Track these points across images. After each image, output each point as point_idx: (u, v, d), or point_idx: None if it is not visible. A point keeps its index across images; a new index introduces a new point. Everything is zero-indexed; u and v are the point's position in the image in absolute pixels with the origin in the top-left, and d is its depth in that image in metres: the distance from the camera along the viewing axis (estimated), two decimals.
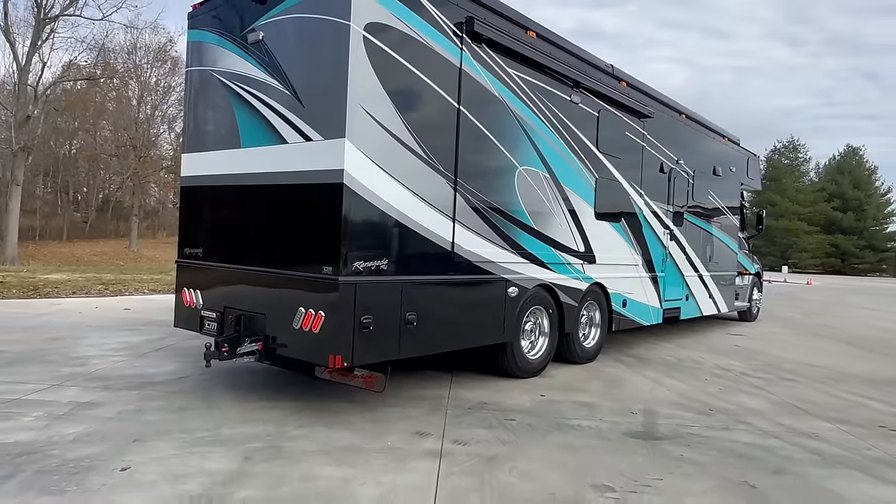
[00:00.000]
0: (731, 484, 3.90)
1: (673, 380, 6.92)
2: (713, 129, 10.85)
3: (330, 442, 4.28)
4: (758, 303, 13.64)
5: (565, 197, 6.85)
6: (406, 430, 4.61)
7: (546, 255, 6.58)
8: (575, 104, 6.96)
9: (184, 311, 5.88)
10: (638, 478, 3.90)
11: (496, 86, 5.83)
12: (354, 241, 4.54)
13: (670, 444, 4.61)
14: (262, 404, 5.11)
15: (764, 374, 7.49)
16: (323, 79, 4.67)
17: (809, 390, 6.74)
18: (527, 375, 6.52)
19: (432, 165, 5.15)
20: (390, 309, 4.84)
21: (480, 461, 4.05)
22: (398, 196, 4.84)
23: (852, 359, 9.08)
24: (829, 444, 4.84)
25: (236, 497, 3.34)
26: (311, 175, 4.68)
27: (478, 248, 5.66)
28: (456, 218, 5.41)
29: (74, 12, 31.59)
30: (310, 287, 4.66)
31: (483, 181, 5.72)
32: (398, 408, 5.20)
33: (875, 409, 6.04)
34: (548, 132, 6.56)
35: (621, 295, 8.05)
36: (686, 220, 9.75)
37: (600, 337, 7.75)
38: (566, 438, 4.64)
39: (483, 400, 5.59)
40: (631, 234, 8.18)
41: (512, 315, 6.17)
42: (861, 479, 4.10)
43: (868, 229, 64.54)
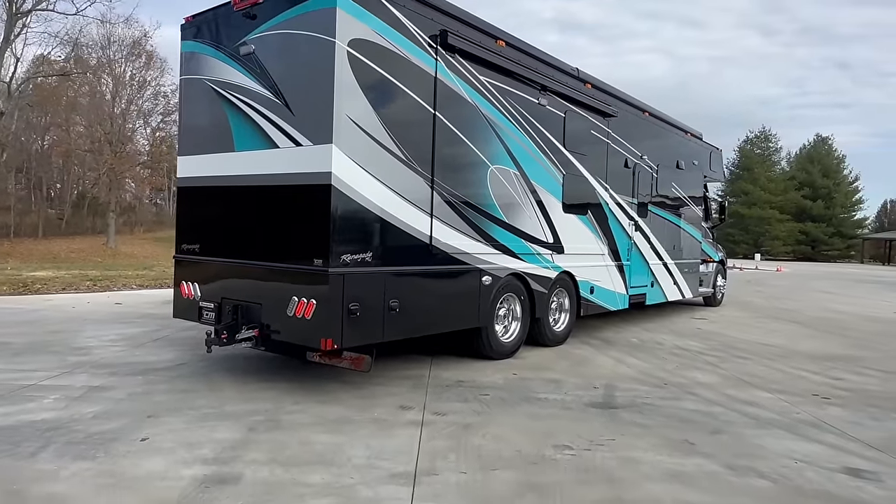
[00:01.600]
0: (672, 441, 4.51)
1: (634, 359, 7.56)
2: (676, 125, 11.51)
3: (323, 415, 4.81)
4: (722, 288, 14.41)
5: (535, 192, 7.43)
6: (391, 405, 5.16)
7: (517, 246, 7.15)
8: (543, 106, 7.52)
9: (182, 303, 6.34)
10: (593, 439, 4.49)
11: (468, 92, 6.37)
12: (342, 236, 5.06)
13: (625, 412, 5.23)
14: (259, 385, 5.62)
15: (719, 353, 8.17)
16: (311, 90, 5.16)
17: (757, 366, 7.42)
18: (501, 357, 7.10)
19: (411, 166, 5.68)
20: (375, 297, 5.37)
21: (457, 428, 4.62)
22: (381, 195, 5.36)
23: (802, 338, 9.83)
24: (765, 409, 5.49)
25: (246, 458, 3.86)
26: (301, 177, 5.18)
27: (454, 241, 6.21)
28: (433, 213, 5.95)
29: (47, 7, 31.42)
30: (302, 278, 5.17)
31: (458, 179, 6.26)
32: (383, 386, 5.75)
33: (812, 381, 6.73)
34: (517, 133, 7.11)
35: (589, 282, 8.67)
36: (650, 212, 10.40)
37: (570, 321, 8.36)
38: (533, 409, 5.23)
39: (460, 378, 6.16)
40: (597, 226, 8.79)
41: (486, 302, 6.73)
42: (786, 437, 4.75)
43: (837, 217, 66.35)
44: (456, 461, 3.96)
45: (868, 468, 4.13)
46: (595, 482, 3.73)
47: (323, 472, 3.68)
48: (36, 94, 39.78)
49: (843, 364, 7.71)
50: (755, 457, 4.27)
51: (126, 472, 3.61)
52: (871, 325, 11.81)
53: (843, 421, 5.21)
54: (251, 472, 3.64)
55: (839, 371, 7.29)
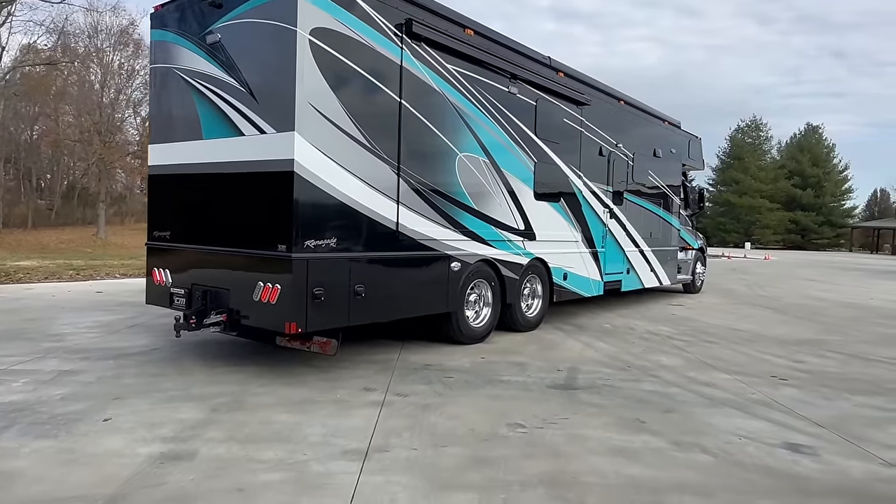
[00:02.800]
0: (624, 420, 4.66)
1: (603, 343, 7.71)
2: (653, 113, 11.62)
3: (287, 396, 4.94)
4: (701, 276, 14.59)
5: (505, 180, 7.53)
6: (355, 387, 5.29)
7: (487, 232, 7.26)
8: (513, 95, 7.61)
9: (154, 289, 6.44)
10: (547, 417, 4.64)
11: (436, 80, 6.45)
12: (305, 222, 5.16)
13: (584, 393, 5.37)
14: (228, 369, 5.73)
15: (688, 338, 8.33)
16: (274, 78, 5.24)
17: (723, 350, 7.59)
18: (471, 342, 7.24)
19: (376, 154, 5.77)
20: (340, 282, 5.48)
21: (416, 408, 4.75)
22: (345, 182, 5.46)
23: (775, 323, 10.01)
24: (721, 390, 5.65)
25: (204, 437, 3.98)
26: (265, 164, 5.27)
27: (421, 227, 6.32)
28: (400, 200, 6.05)
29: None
30: (267, 264, 5.27)
31: (425, 167, 6.36)
32: (350, 370, 5.87)
33: (774, 364, 6.90)
34: (487, 121, 7.21)
35: (562, 269, 8.80)
36: (626, 200, 10.53)
37: (542, 307, 8.50)
38: (495, 390, 5.37)
39: (427, 362, 6.29)
40: (570, 213, 8.91)
41: (455, 287, 6.86)
42: (736, 416, 4.90)
43: (826, 205, 66.76)
44: (409, 438, 4.09)
45: (808, 443, 4.28)
46: (541, 456, 3.87)
47: (277, 449, 3.81)
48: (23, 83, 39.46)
49: (809, 348, 7.88)
50: (702, 433, 4.42)
51: (85, 449, 3.72)
52: (845, 311, 12.01)
53: (794, 400, 5.38)
54: (207, 450, 3.77)
55: (803, 354, 7.46)
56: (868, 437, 4.46)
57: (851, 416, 5.01)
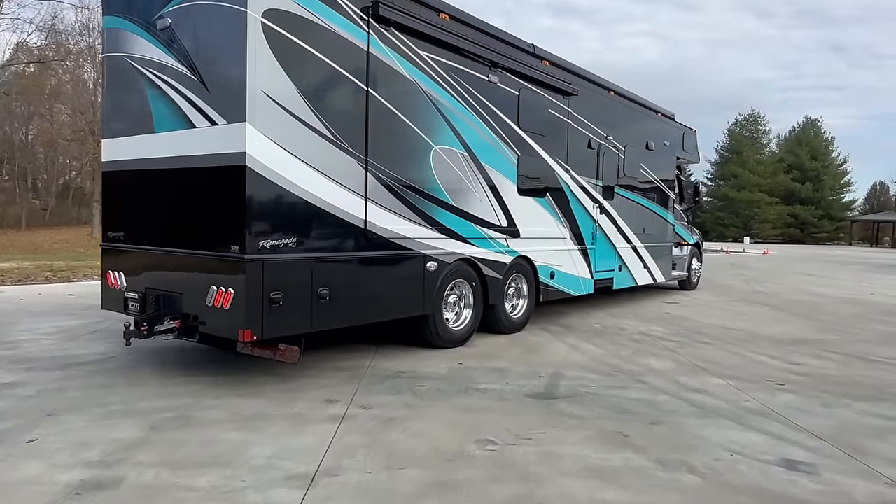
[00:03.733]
0: (606, 434, 4.27)
1: (591, 345, 7.31)
2: (646, 105, 11.20)
3: (240, 410, 4.54)
4: (697, 272, 14.19)
5: (485, 174, 7.13)
6: (317, 398, 4.89)
7: (466, 230, 6.86)
8: (493, 84, 7.20)
9: (109, 294, 6.05)
10: (521, 432, 4.24)
11: (407, 68, 6.04)
12: (260, 220, 4.76)
13: (564, 403, 4.98)
14: (184, 379, 5.34)
15: (680, 338, 7.94)
16: (224, 64, 4.84)
17: (717, 351, 7.20)
18: (451, 345, 6.84)
19: (341, 146, 5.37)
20: (300, 284, 5.08)
21: (379, 423, 4.36)
22: (305, 176, 5.05)
23: (771, 322, 9.62)
24: (714, 397, 5.26)
25: (134, 460, 3.59)
26: (217, 158, 4.86)
27: (392, 225, 5.91)
28: (368, 196, 5.65)
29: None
30: (220, 266, 4.87)
31: (396, 161, 5.96)
32: (315, 378, 5.48)
33: (770, 366, 6.51)
34: (465, 112, 6.80)
35: (548, 267, 8.40)
36: (617, 194, 10.12)
37: (528, 308, 8.10)
38: (468, 401, 4.97)
39: (400, 369, 5.89)
40: (558, 209, 8.51)
41: (432, 288, 6.46)
42: (728, 427, 4.51)
43: (825, 199, 66.34)
44: (364, 460, 3.69)
45: (806, 459, 3.89)
46: (508, 479, 3.48)
47: (213, 475, 3.41)
48: (16, 82, 38.98)
49: (806, 348, 7.49)
50: (690, 449, 4.03)
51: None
52: (845, 308, 11.62)
53: (791, 408, 4.98)
54: (134, 476, 3.37)
55: (800, 355, 7.07)
56: (871, 451, 4.07)
57: (853, 426, 4.62)
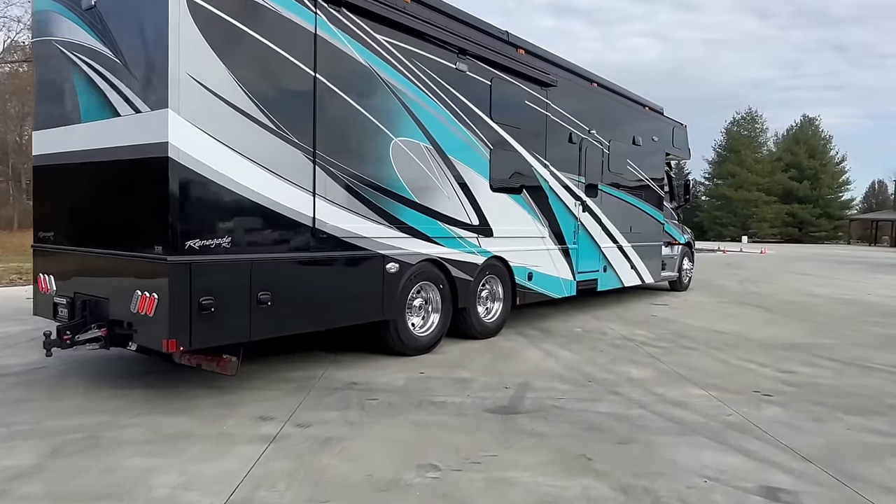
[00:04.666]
0: (566, 456, 3.80)
1: (567, 351, 6.84)
2: (632, 98, 10.73)
3: (161, 429, 4.07)
4: (688, 272, 13.71)
5: (454, 169, 6.66)
6: (252, 415, 4.42)
7: (432, 229, 6.39)
8: (462, 72, 6.73)
9: (40, 298, 5.58)
10: (471, 454, 3.78)
11: (362, 52, 5.57)
12: (186, 218, 4.28)
13: (526, 418, 4.51)
14: (112, 393, 4.87)
15: (664, 343, 7.47)
16: (147, 46, 4.37)
17: (702, 357, 6.73)
18: (416, 352, 6.37)
19: (284, 137, 4.90)
20: (237, 289, 4.61)
21: (312, 444, 3.89)
22: (241, 170, 4.58)
23: (762, 324, 9.16)
24: (693, 411, 4.79)
25: (18, 493, 3.12)
26: (139, 149, 4.39)
27: (346, 224, 5.45)
28: (317, 192, 5.18)
29: None
30: (143, 268, 4.41)
31: (350, 153, 5.49)
32: (259, 390, 5.01)
33: (758, 374, 6.05)
34: (429, 102, 6.33)
35: (526, 268, 7.93)
36: (602, 192, 9.65)
37: (503, 311, 7.64)
38: (420, 416, 4.50)
39: (355, 380, 5.42)
40: (535, 207, 8.04)
41: (393, 292, 5.99)
42: (706, 447, 4.05)
43: (823, 198, 65.83)
44: (284, 490, 3.23)
45: (789, 486, 3.43)
46: None
47: None
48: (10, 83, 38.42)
49: (798, 353, 7.03)
50: (659, 475, 3.56)
51: None
52: (841, 309, 11.17)
53: (778, 424, 4.52)
54: None
55: (791, 362, 6.61)
56: (864, 476, 3.61)
57: (845, 445, 4.16)
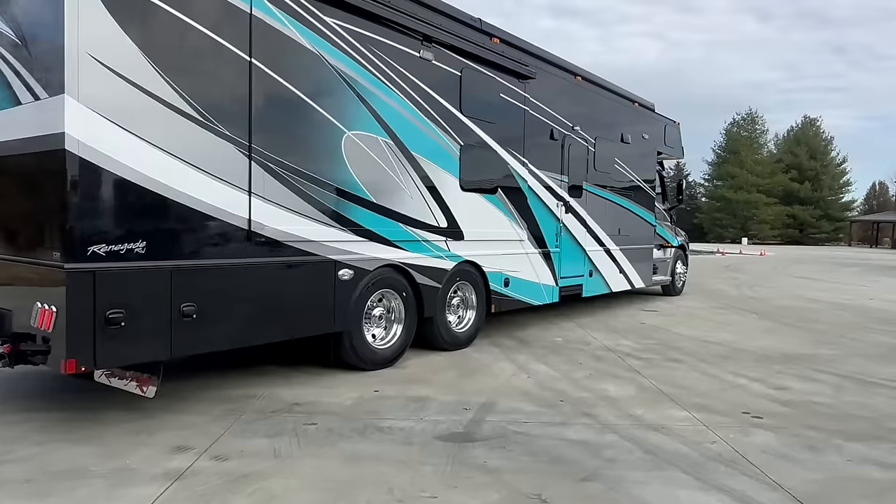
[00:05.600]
0: (518, 498, 3.25)
1: (543, 364, 6.29)
2: (620, 93, 10.19)
3: (51, 464, 3.52)
4: (682, 276, 13.16)
5: (418, 167, 6.11)
6: (166, 444, 3.87)
7: (392, 231, 5.85)
8: (427, 61, 6.18)
9: None
10: (407, 496, 3.23)
11: (308, 37, 5.02)
12: (89, 220, 3.74)
13: (481, 448, 3.96)
14: (16, 417, 4.32)
15: (650, 355, 6.92)
16: (44, 24, 3.83)
17: (689, 372, 6.18)
18: (375, 367, 5.82)
19: (212, 129, 4.35)
20: (153, 300, 4.06)
21: (225, 482, 3.34)
22: (158, 165, 4.04)
23: (758, 333, 8.60)
24: (672, 437, 4.24)
25: None
26: (37, 142, 3.85)
27: (289, 226, 4.90)
28: (253, 191, 4.63)
29: None
30: (42, 277, 3.87)
31: (294, 148, 4.94)
32: (185, 413, 4.45)
33: (749, 391, 5.49)
34: (389, 93, 5.78)
35: (502, 273, 7.38)
36: (587, 192, 9.11)
37: (477, 320, 7.08)
38: (360, 446, 3.95)
39: (299, 400, 4.87)
40: (512, 208, 7.49)
41: (347, 300, 5.44)
42: (683, 484, 3.50)
43: (824, 199, 65.24)
44: None
45: None
46: None
47: None
48: None
49: (795, 366, 6.48)
50: None
51: None
52: (841, 316, 10.61)
53: (768, 454, 3.97)
54: None
55: (786, 376, 6.06)
56: None
57: (843, 481, 3.61)
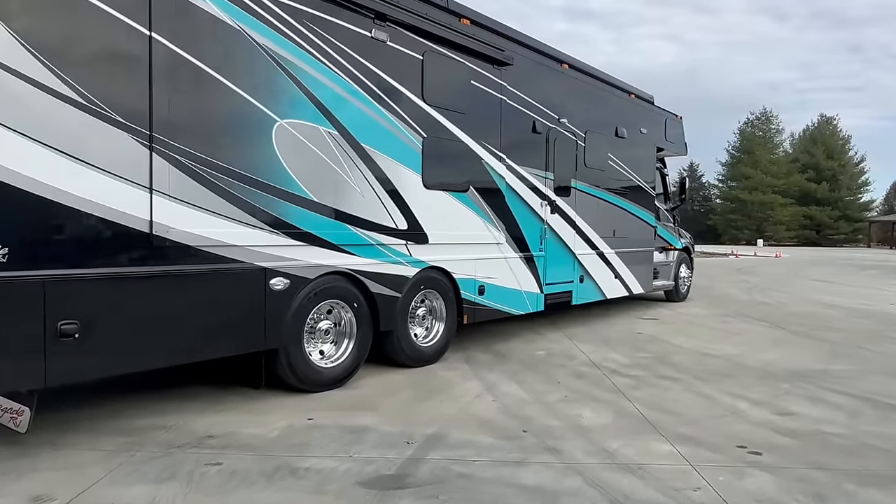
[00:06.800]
0: None
1: (515, 384, 5.56)
2: (614, 83, 9.43)
3: None
4: (686, 280, 12.33)
5: (370, 161, 5.42)
6: (23, 494, 3.19)
7: (338, 235, 5.16)
8: (380, 43, 5.49)
9: None
10: None
11: (227, 9, 4.35)
12: None
13: (408, 499, 3.24)
14: None
15: (640, 372, 6.15)
16: None
17: (682, 393, 5.42)
18: (320, 388, 5.13)
19: (100, 115, 3.69)
20: (20, 317, 3.41)
21: None
22: (25, 156, 3.38)
23: (765, 344, 7.80)
24: (648, 482, 3.49)
25: None
26: None
27: (204, 229, 4.22)
28: (155, 188, 3.96)
29: None
30: None
31: (208, 138, 4.28)
32: (69, 450, 3.78)
33: (748, 418, 4.72)
34: (333, 77, 5.10)
35: (476, 280, 6.66)
36: (576, 190, 8.37)
37: (446, 332, 6.37)
38: (262, 495, 3.25)
39: (214, 431, 4.17)
40: (487, 208, 6.76)
41: (282, 314, 4.76)
42: None
43: (842, 199, 63.65)
44: None
45: None
46: None
47: None
48: None
49: (804, 385, 5.69)
50: None
51: None
52: (859, 323, 9.75)
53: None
54: None
55: (793, 398, 5.28)
56: None
57: None
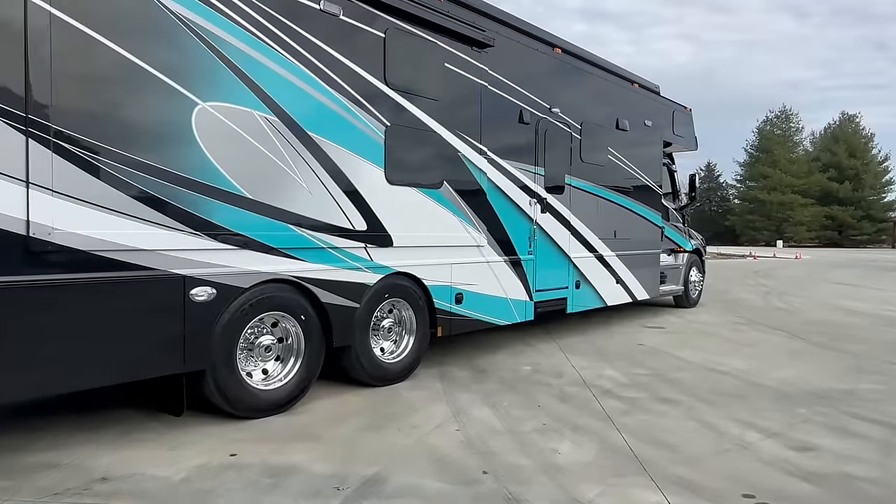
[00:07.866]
0: None
1: (489, 408, 4.82)
2: (614, 71, 8.66)
3: None
4: (697, 285, 11.48)
5: (318, 152, 4.72)
6: None
7: (279, 237, 4.46)
8: (332, 16, 4.80)
9: None
10: None
11: None
12: None
13: None
14: None
15: (635, 393, 5.39)
16: None
17: (682, 420, 4.65)
18: (258, 413, 4.44)
19: None
20: None
21: None
22: None
23: (783, 357, 6.98)
24: None
25: None
26: None
27: (102, 230, 3.55)
28: (32, 181, 3.30)
29: None
30: None
31: (109, 122, 3.61)
32: None
33: (758, 454, 3.95)
34: (271, 54, 4.41)
35: (452, 287, 5.94)
36: (571, 187, 7.61)
37: (416, 346, 5.66)
38: None
39: (110, 473, 3.49)
40: (465, 206, 6.04)
41: (207, 329, 4.07)
42: None
43: (866, 199, 61.96)
44: None
45: None
46: None
47: None
48: None
49: (826, 409, 4.89)
50: None
51: None
52: (886, 332, 8.88)
53: None
54: None
55: (813, 426, 4.48)
56: None
57: None
